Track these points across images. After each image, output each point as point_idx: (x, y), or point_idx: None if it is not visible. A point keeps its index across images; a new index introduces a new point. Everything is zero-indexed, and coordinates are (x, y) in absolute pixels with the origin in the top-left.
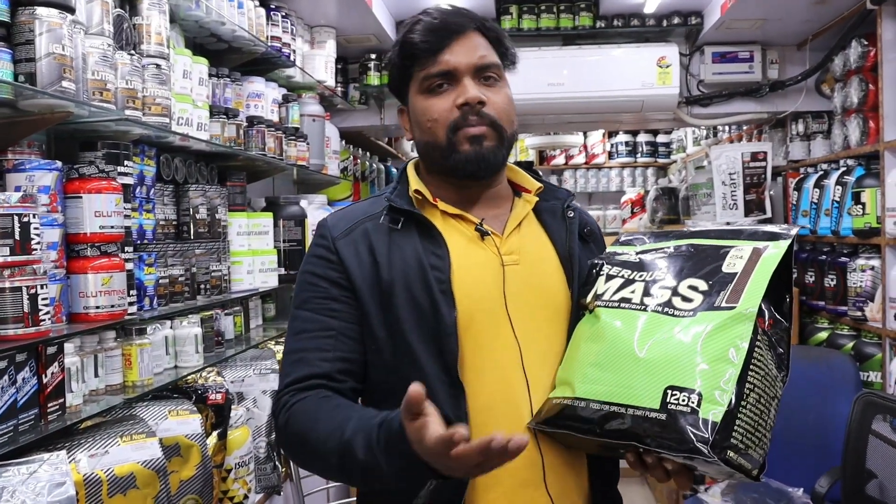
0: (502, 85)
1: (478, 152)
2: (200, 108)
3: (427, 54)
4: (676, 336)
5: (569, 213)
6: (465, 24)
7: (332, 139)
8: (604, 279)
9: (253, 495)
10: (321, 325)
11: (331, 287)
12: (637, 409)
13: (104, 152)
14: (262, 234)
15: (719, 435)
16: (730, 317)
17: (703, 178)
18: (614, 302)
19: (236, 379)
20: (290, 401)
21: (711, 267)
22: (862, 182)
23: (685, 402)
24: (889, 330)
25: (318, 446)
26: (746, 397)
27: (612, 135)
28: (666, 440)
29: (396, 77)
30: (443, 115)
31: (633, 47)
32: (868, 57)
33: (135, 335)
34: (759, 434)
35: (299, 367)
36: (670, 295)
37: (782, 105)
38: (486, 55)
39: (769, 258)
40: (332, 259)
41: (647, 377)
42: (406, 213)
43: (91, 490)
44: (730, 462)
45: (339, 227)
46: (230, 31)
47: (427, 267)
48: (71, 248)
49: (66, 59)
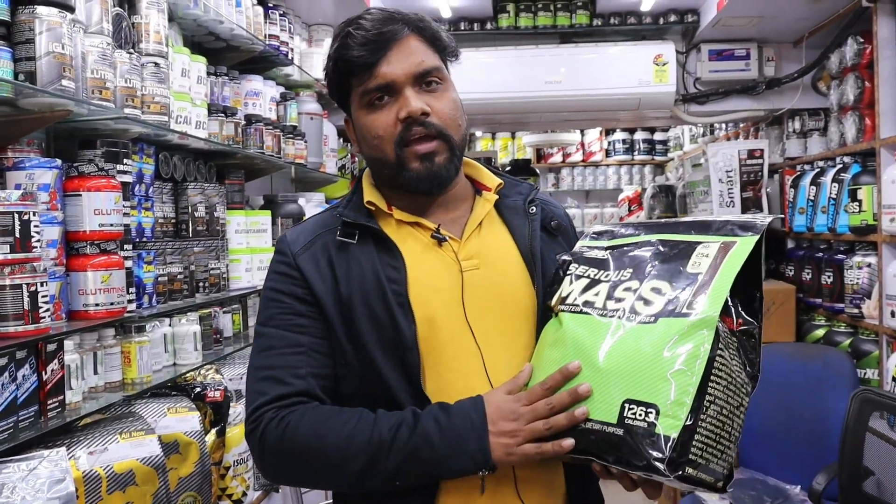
0: (445, 88)
1: (429, 170)
2: (199, 107)
3: (363, 69)
4: (635, 345)
5: (531, 209)
6: (398, 29)
7: (330, 137)
8: (570, 280)
9: (251, 492)
10: (290, 342)
11: (296, 303)
12: (595, 423)
13: (103, 150)
14: (260, 232)
15: (676, 451)
16: (690, 324)
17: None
18: (577, 306)
19: (235, 376)
20: (276, 416)
21: (676, 267)
22: (858, 179)
23: (642, 416)
24: (886, 327)
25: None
26: (707, 409)
27: (609, 132)
28: (623, 456)
29: (335, 90)
30: (387, 131)
31: (630, 45)
32: (864, 54)
33: (134, 333)
34: (721, 446)
35: (273, 386)
36: (633, 299)
37: (779, 102)
38: (424, 60)
39: (735, 254)
40: (295, 275)
41: (606, 389)
42: (361, 226)
43: (90, 487)
44: (688, 479)
45: (298, 242)
46: (228, 29)
47: (384, 280)
48: (70, 246)
49: (65, 58)
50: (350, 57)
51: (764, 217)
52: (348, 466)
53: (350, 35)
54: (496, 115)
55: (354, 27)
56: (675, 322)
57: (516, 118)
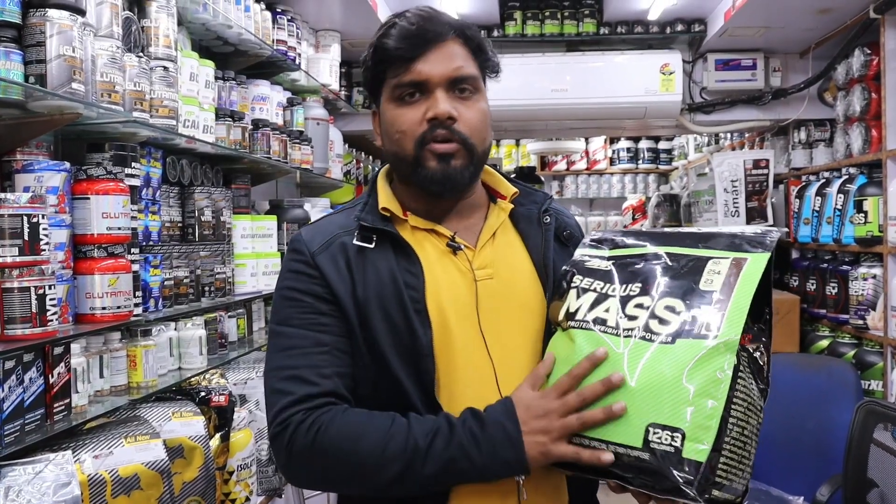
0: (478, 98)
1: (444, 171)
2: (206, 111)
3: (400, 62)
4: (656, 367)
5: (545, 219)
6: (443, 31)
7: (336, 143)
8: (575, 293)
9: (255, 497)
10: (313, 341)
11: (316, 302)
12: (619, 447)
13: (112, 154)
14: (265, 236)
15: (703, 475)
16: (711, 347)
17: (704, 184)
18: (587, 322)
19: (239, 381)
20: (306, 419)
21: (688, 284)
22: (864, 190)
23: (668, 440)
24: (891, 338)
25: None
26: (730, 431)
27: (614, 141)
28: (649, 480)
29: (369, 79)
30: (411, 128)
31: (637, 54)
32: (871, 66)
33: (140, 336)
34: (742, 465)
35: (298, 385)
36: (647, 317)
37: (785, 113)
38: (462, 66)
39: (749, 275)
40: (314, 274)
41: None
42: (378, 231)
43: (95, 490)
44: (714, 500)
45: (315, 241)
46: (236, 34)
47: (402, 285)
48: (78, 249)
49: (76, 61)
50: (389, 47)
51: (774, 232)
52: (383, 472)
53: (395, 26)
54: (501, 123)
55: (401, 19)
56: (694, 344)
57: (521, 126)
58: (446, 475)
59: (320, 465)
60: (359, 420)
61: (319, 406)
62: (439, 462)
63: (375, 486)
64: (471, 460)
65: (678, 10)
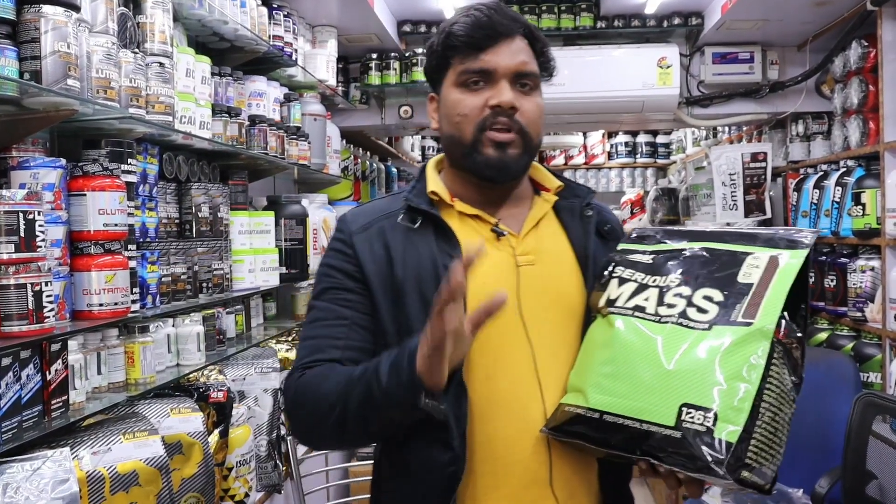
0: (536, 94)
1: (500, 158)
2: (203, 107)
3: (469, 49)
4: (692, 351)
5: (587, 212)
6: (513, 27)
7: (333, 138)
8: (616, 282)
9: (254, 493)
10: (335, 315)
11: (346, 279)
12: (651, 425)
13: (108, 150)
14: (263, 232)
15: (734, 455)
16: (747, 333)
17: (703, 178)
18: (628, 309)
19: (238, 377)
20: (301, 374)
21: (727, 276)
22: (862, 183)
23: (700, 420)
24: (889, 331)
25: (327, 396)
26: (762, 416)
27: (612, 135)
28: (680, 458)
29: (434, 64)
30: (473, 112)
31: (634, 48)
32: (868, 58)
33: (137, 333)
34: (772, 450)
35: (310, 353)
36: (685, 305)
37: (782, 106)
38: (527, 62)
39: (787, 269)
40: (349, 252)
41: (662, 392)
42: (423, 213)
43: (94, 487)
44: (744, 481)
45: (357, 222)
46: (233, 29)
47: (440, 267)
48: (75, 246)
49: (71, 57)
50: (462, 34)
51: (811, 232)
52: (332, 411)
53: (469, 15)
54: None
55: (474, 10)
56: (730, 330)
57: None
58: (368, 406)
59: (301, 410)
60: (326, 371)
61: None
62: (361, 389)
63: (330, 430)
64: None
65: (675, 3)
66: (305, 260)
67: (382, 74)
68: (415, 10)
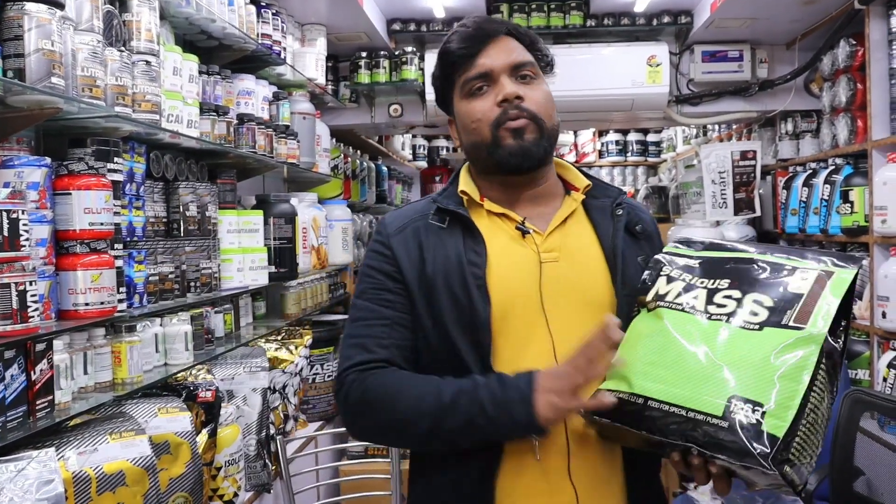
0: (539, 82)
1: (521, 145)
2: (190, 106)
3: (464, 59)
4: (743, 347)
5: (617, 212)
6: (497, 28)
7: (323, 137)
8: (665, 280)
9: (243, 493)
10: (377, 315)
11: (385, 279)
12: (699, 414)
13: (93, 149)
14: (252, 231)
15: (779, 450)
16: (799, 337)
17: (692, 176)
18: (679, 304)
19: (226, 377)
20: (359, 378)
21: (777, 284)
22: (850, 181)
23: (749, 413)
24: (877, 328)
25: (407, 410)
26: (806, 416)
27: (603, 134)
28: (726, 447)
29: (440, 88)
30: (485, 115)
31: (624, 46)
32: (856, 56)
33: (124, 332)
34: (811, 451)
35: (359, 352)
36: (735, 306)
37: (771, 104)
38: (519, 54)
39: (839, 281)
40: (387, 253)
41: (711, 384)
42: (451, 213)
43: (80, 488)
44: (785, 476)
45: (394, 224)
46: (220, 28)
47: (465, 263)
48: (60, 245)
49: (55, 55)
50: (453, 49)
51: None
52: (416, 426)
53: (455, 32)
54: None
55: (459, 26)
56: (782, 332)
57: None
58: (468, 431)
59: (366, 418)
60: (400, 379)
61: (372, 369)
62: (461, 418)
63: (411, 439)
64: (487, 417)
65: (664, 1)
66: (294, 259)
67: (372, 73)
68: (404, 9)
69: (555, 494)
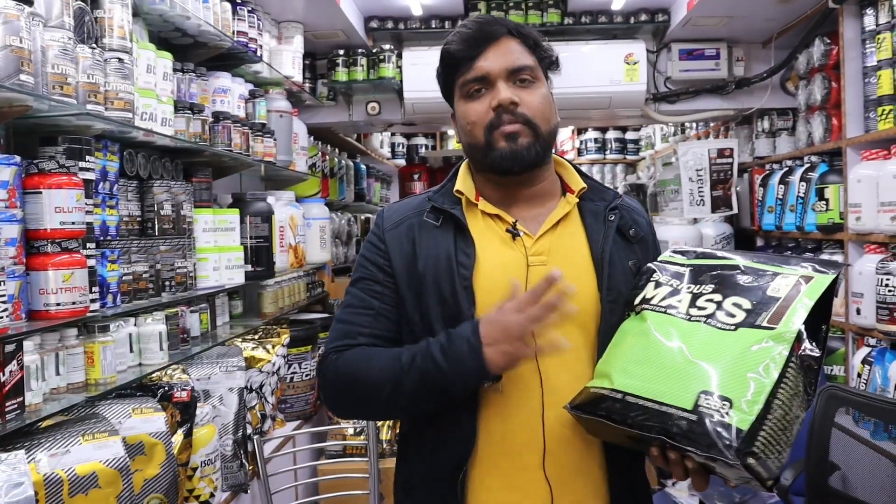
0: (538, 85)
1: (513, 149)
2: (165, 104)
3: (464, 62)
4: (716, 346)
5: (609, 217)
6: (498, 30)
7: (300, 135)
8: (653, 285)
9: (219, 493)
10: (364, 304)
11: (377, 271)
12: (670, 407)
13: (65, 147)
14: (228, 230)
15: (744, 442)
16: (770, 335)
17: (670, 174)
18: (661, 307)
19: (202, 376)
20: (336, 357)
21: (758, 289)
22: (825, 178)
23: (716, 407)
24: (852, 324)
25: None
26: (773, 412)
27: (581, 132)
28: (693, 439)
29: (443, 85)
30: (480, 118)
31: (601, 44)
32: (831, 55)
33: (97, 332)
34: (779, 447)
35: (342, 337)
36: (715, 309)
37: (748, 102)
38: (518, 58)
39: (814, 286)
40: (381, 248)
41: (683, 379)
42: (445, 212)
43: (51, 490)
44: (749, 468)
45: (391, 219)
46: (195, 25)
47: (454, 263)
48: (30, 245)
49: (23, 52)
50: (453, 51)
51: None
52: (380, 392)
53: (456, 33)
54: None
55: (460, 27)
56: (754, 332)
57: None
58: (424, 389)
59: (340, 390)
60: (368, 353)
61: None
62: (417, 376)
63: (379, 406)
64: (440, 371)
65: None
66: (271, 257)
67: (349, 71)
68: (381, 6)
69: (530, 488)
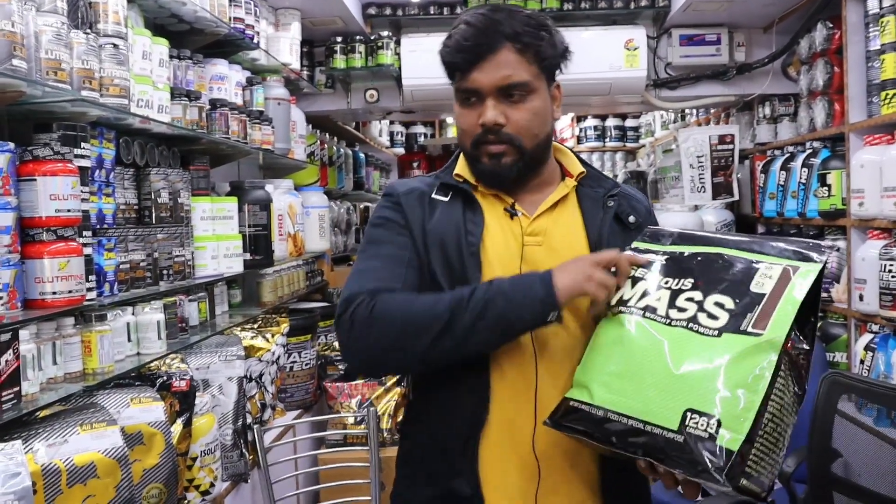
0: (531, 99)
1: (494, 168)
2: (161, 90)
3: (459, 70)
4: (700, 356)
5: (608, 203)
6: (495, 42)
7: (298, 123)
8: (630, 282)
9: (219, 483)
10: (391, 254)
11: (399, 227)
12: (655, 427)
13: (60, 134)
14: (226, 218)
15: (734, 463)
16: (755, 344)
17: (671, 161)
18: (639, 310)
19: (201, 366)
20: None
21: (740, 284)
22: (827, 164)
23: (704, 426)
24: (854, 311)
25: (423, 310)
26: (764, 426)
27: (581, 119)
28: (681, 461)
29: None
30: (469, 129)
31: (601, 30)
32: (833, 39)
33: (94, 321)
34: (771, 460)
35: (370, 281)
36: (696, 310)
37: (749, 88)
38: (511, 75)
39: (799, 283)
40: (398, 208)
41: (668, 396)
42: (454, 187)
43: (49, 480)
44: (742, 489)
45: (403, 188)
46: (192, 11)
47: (462, 230)
48: (26, 233)
49: (16, 37)
50: (449, 59)
51: (825, 245)
52: (430, 327)
53: (453, 38)
54: None
55: (459, 30)
56: (740, 339)
57: None
58: (483, 317)
59: (376, 329)
60: (409, 295)
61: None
62: (478, 305)
63: (420, 347)
64: (507, 299)
65: None
66: (270, 246)
67: (348, 58)
68: None
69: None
